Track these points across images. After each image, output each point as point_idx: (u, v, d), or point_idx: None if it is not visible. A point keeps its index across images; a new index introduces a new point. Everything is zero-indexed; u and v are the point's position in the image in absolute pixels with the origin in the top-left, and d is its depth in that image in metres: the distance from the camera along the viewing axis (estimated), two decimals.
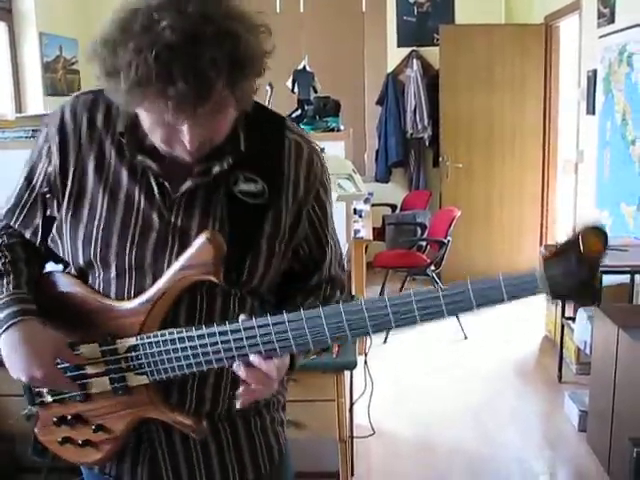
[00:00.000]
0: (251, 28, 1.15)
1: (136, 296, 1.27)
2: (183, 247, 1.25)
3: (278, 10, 6.86)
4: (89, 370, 1.32)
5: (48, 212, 1.36)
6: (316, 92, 4.12)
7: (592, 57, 5.00)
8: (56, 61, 6.00)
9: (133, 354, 1.27)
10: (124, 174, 1.29)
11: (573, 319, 4.13)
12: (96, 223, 1.29)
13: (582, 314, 3.91)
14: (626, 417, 3.03)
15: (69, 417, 1.36)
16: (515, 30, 6.34)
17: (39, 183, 1.36)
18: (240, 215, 1.28)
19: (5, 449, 2.94)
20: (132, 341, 1.27)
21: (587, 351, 3.85)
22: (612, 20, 4.58)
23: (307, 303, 1.34)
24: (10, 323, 1.28)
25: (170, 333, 1.24)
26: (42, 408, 1.40)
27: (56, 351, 1.29)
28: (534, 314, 5.45)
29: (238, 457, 1.41)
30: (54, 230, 1.35)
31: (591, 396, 3.55)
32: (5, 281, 1.34)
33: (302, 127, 3.61)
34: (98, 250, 1.29)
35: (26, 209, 1.38)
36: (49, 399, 1.38)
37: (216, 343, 1.22)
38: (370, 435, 3.39)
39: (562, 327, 4.33)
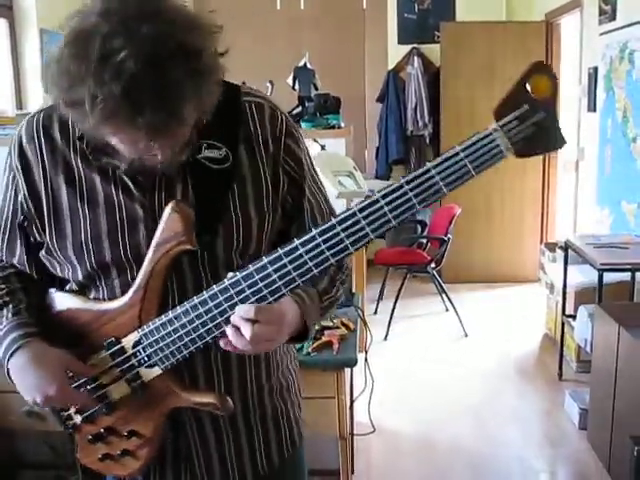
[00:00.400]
0: (208, 34, 1.13)
1: None
2: None
3: (279, 7, 6.84)
4: (105, 379, 1.32)
5: (31, 239, 1.36)
6: (317, 89, 4.11)
7: (593, 54, 4.99)
8: None
9: (140, 348, 1.27)
10: (96, 179, 1.28)
11: (574, 317, 4.13)
12: (82, 234, 1.29)
13: (583, 312, 3.91)
14: (626, 415, 3.03)
15: (102, 432, 1.36)
16: (516, 27, 6.33)
17: (11, 215, 1.36)
18: (205, 180, 1.28)
19: (6, 445, 2.94)
20: (135, 335, 1.27)
21: (587, 349, 3.84)
22: (613, 17, 4.57)
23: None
24: (15, 347, 1.28)
25: (165, 315, 1.25)
26: (76, 431, 1.40)
27: (66, 365, 1.29)
28: (534, 312, 5.45)
29: (266, 443, 1.44)
30: (43, 253, 1.35)
31: (592, 394, 3.55)
32: (5, 312, 1.34)
33: (302, 124, 3.62)
34: (93, 258, 1.29)
35: (6, 243, 1.39)
36: (78, 420, 1.38)
37: (210, 309, 1.21)
38: (370, 432, 3.39)
39: (562, 325, 4.33)
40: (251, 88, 1.41)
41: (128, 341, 1.28)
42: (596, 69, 4.93)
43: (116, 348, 1.29)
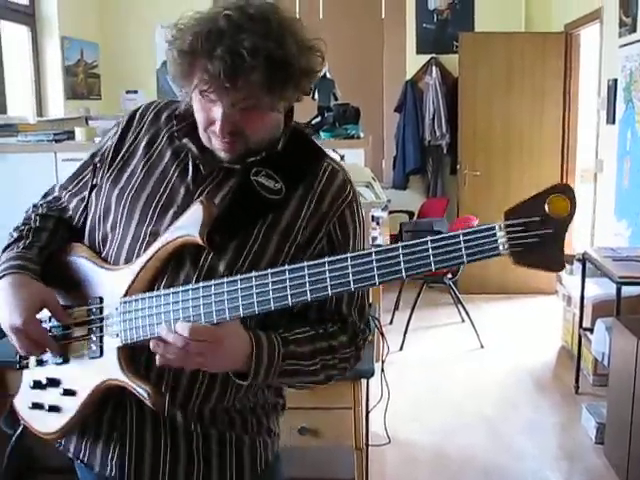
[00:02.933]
0: (303, 45, 1.26)
1: None
2: None
3: (297, 16, 6.86)
4: (73, 332, 1.36)
5: (94, 181, 1.46)
6: (336, 99, 4.12)
7: (613, 66, 4.98)
8: (77, 65, 6.05)
9: (115, 314, 1.31)
10: (167, 154, 1.40)
11: (591, 330, 4.10)
12: (129, 187, 1.39)
13: (600, 325, 3.88)
14: None
15: (44, 381, 1.39)
16: (535, 38, 6.32)
17: (97, 157, 1.47)
18: (247, 200, 1.32)
19: (22, 450, 2.95)
20: (116, 303, 1.31)
21: (605, 362, 3.81)
22: (634, 29, 4.55)
23: (304, 330, 1.34)
24: (5, 273, 1.34)
25: (148, 294, 1.28)
26: (26, 373, 1.44)
27: (44, 300, 1.33)
28: (551, 324, 5.42)
29: (205, 469, 1.39)
30: (93, 195, 1.44)
31: (609, 408, 3.52)
32: (21, 243, 1.41)
33: (322, 134, 3.62)
34: (125, 213, 1.37)
35: (81, 180, 1.49)
36: (32, 362, 1.42)
37: (186, 300, 1.23)
38: (386, 444, 3.38)
39: (579, 338, 4.30)
40: (335, 159, 1.47)
41: (108, 305, 1.32)
42: (615, 81, 4.91)
43: (95, 306, 1.34)
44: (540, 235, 1.07)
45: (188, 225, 1.26)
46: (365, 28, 7.14)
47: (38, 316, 1.33)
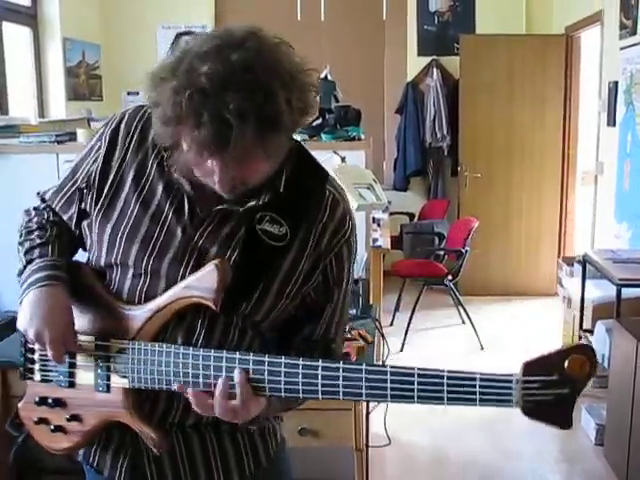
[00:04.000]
0: (293, 86, 1.16)
1: (146, 300, 1.31)
2: (199, 266, 1.28)
3: (299, 18, 6.88)
4: (80, 360, 1.35)
5: (82, 205, 1.41)
6: (337, 101, 4.12)
7: (613, 68, 4.98)
8: (79, 66, 6.06)
9: (122, 356, 1.31)
10: (160, 187, 1.33)
11: (591, 332, 4.10)
12: (122, 227, 1.34)
13: (600, 327, 3.88)
14: None
15: (50, 400, 1.39)
16: (536, 41, 6.33)
17: (81, 178, 1.41)
18: (255, 253, 1.30)
19: (28, 451, 2.96)
20: (124, 344, 1.31)
21: (605, 364, 3.82)
22: (634, 32, 4.56)
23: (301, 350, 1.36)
24: (40, 285, 1.31)
25: (160, 346, 1.28)
26: (30, 384, 1.43)
27: (69, 326, 1.32)
28: (551, 326, 5.42)
29: (223, 459, 1.42)
30: (85, 224, 1.40)
31: (609, 410, 3.53)
32: (50, 247, 1.38)
33: (323, 136, 3.63)
34: (120, 253, 1.33)
35: (65, 197, 1.44)
36: (37, 377, 1.41)
37: (208, 366, 1.25)
38: (386, 445, 3.39)
39: (579, 339, 4.30)
40: (337, 184, 1.42)
41: (115, 345, 1.32)
42: (616, 83, 4.92)
43: (103, 344, 1.33)
44: (555, 394, 1.09)
45: (202, 287, 1.25)
46: (366, 30, 7.15)
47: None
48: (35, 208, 1.50)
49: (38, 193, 1.52)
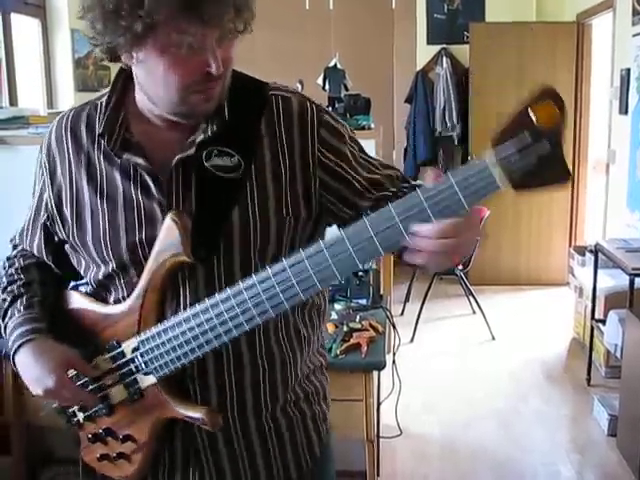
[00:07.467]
0: None
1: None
2: None
3: (307, 7, 6.84)
4: (106, 381, 1.32)
5: (55, 238, 1.38)
6: (347, 90, 4.11)
7: (626, 56, 4.93)
8: (87, 57, 6.04)
9: (138, 354, 1.27)
10: (117, 176, 1.28)
11: (603, 321, 4.08)
12: (101, 229, 1.28)
13: (613, 317, 3.86)
14: None
15: (101, 432, 1.36)
16: (547, 28, 6.27)
17: (36, 211, 1.40)
18: (211, 190, 1.24)
19: (35, 441, 2.98)
20: (134, 341, 1.27)
21: (617, 354, 3.80)
22: None
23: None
24: (20, 342, 1.31)
25: (163, 323, 1.23)
26: (79, 429, 1.41)
27: (67, 362, 1.29)
28: (563, 316, 5.40)
29: (282, 456, 1.39)
30: (68, 249, 1.36)
31: (621, 400, 3.51)
32: (18, 303, 1.37)
33: None
34: (113, 259, 1.28)
35: (30, 234, 1.43)
36: (81, 417, 1.39)
37: (211, 318, 1.18)
38: (397, 436, 3.38)
39: (592, 329, 4.28)
40: (281, 85, 1.34)
41: (128, 346, 1.28)
42: (628, 71, 4.86)
43: (116, 352, 1.29)
44: (536, 154, 0.97)
45: (167, 247, 1.20)
46: (375, 18, 7.12)
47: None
48: (8, 258, 1.47)
49: (11, 240, 1.50)
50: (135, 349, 1.27)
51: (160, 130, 1.27)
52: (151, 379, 1.28)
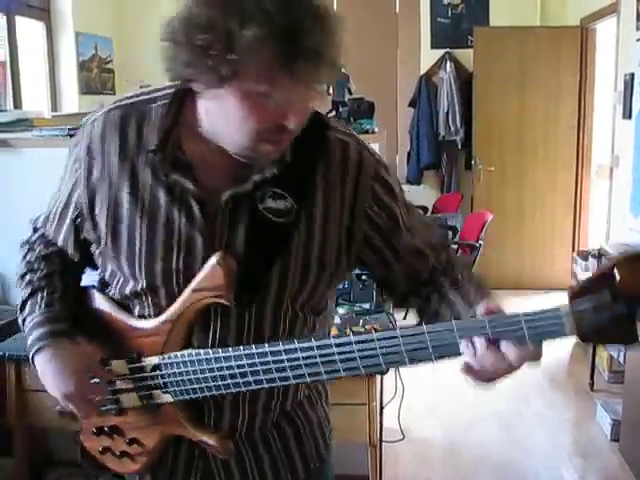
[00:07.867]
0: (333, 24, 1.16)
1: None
2: None
3: None
4: (120, 385, 1.31)
5: (81, 236, 1.31)
6: (351, 93, 4.10)
7: (629, 60, 4.92)
8: (91, 60, 6.06)
9: (158, 373, 1.26)
10: (161, 194, 1.21)
11: None
12: (137, 248, 1.22)
13: None
14: None
15: (106, 429, 1.36)
16: (550, 33, 6.27)
17: (65, 205, 1.32)
18: (263, 234, 1.20)
19: (39, 443, 2.98)
20: (155, 360, 1.26)
21: (620, 359, 3.79)
22: None
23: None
24: (40, 345, 1.28)
25: (191, 355, 1.22)
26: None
27: (87, 366, 1.28)
28: None
29: (289, 460, 1.39)
30: (96, 253, 1.30)
31: (624, 405, 3.50)
32: (39, 297, 1.32)
33: None
34: (145, 279, 1.23)
35: (55, 223, 1.35)
36: None
37: (243, 365, 1.19)
38: (400, 440, 3.37)
39: None
40: (339, 124, 1.30)
41: (148, 362, 1.27)
42: (632, 75, 4.86)
43: (136, 365, 1.28)
44: (611, 313, 0.98)
45: (209, 288, 1.18)
46: (379, 22, 7.12)
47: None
48: (27, 242, 1.41)
49: (31, 221, 1.43)
50: (156, 367, 1.26)
51: (215, 154, 1.19)
52: (168, 398, 1.27)
